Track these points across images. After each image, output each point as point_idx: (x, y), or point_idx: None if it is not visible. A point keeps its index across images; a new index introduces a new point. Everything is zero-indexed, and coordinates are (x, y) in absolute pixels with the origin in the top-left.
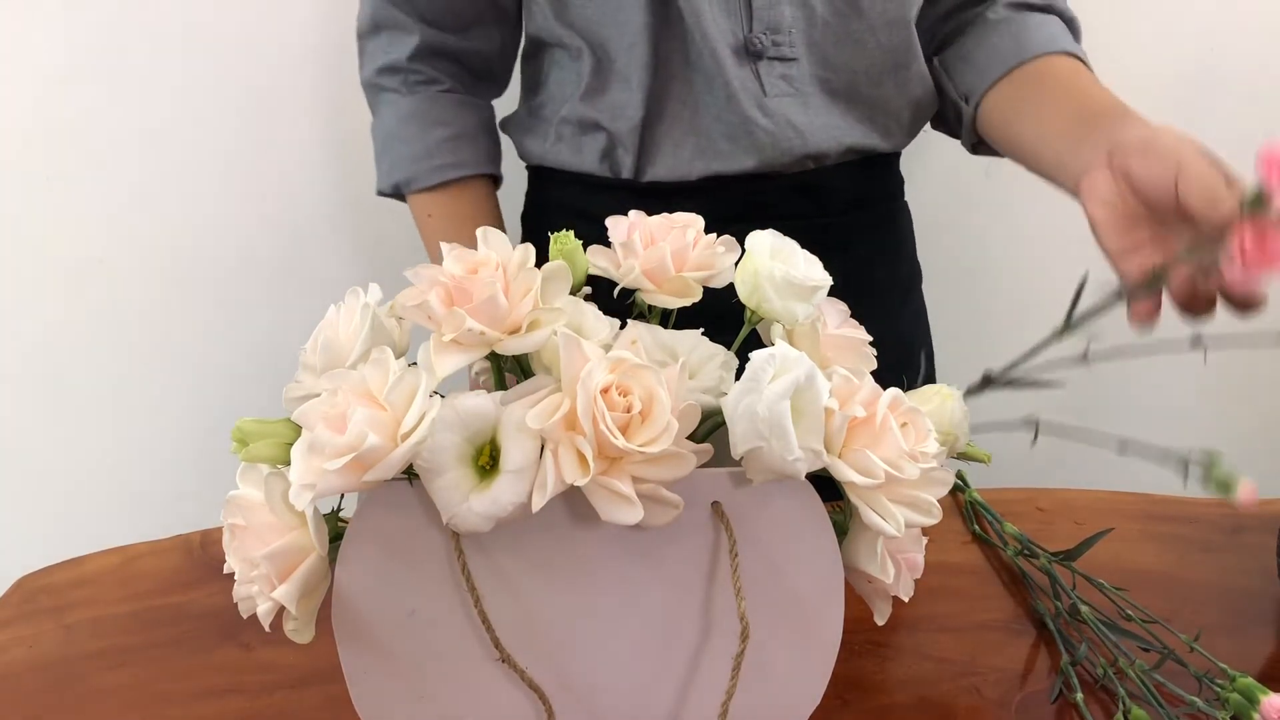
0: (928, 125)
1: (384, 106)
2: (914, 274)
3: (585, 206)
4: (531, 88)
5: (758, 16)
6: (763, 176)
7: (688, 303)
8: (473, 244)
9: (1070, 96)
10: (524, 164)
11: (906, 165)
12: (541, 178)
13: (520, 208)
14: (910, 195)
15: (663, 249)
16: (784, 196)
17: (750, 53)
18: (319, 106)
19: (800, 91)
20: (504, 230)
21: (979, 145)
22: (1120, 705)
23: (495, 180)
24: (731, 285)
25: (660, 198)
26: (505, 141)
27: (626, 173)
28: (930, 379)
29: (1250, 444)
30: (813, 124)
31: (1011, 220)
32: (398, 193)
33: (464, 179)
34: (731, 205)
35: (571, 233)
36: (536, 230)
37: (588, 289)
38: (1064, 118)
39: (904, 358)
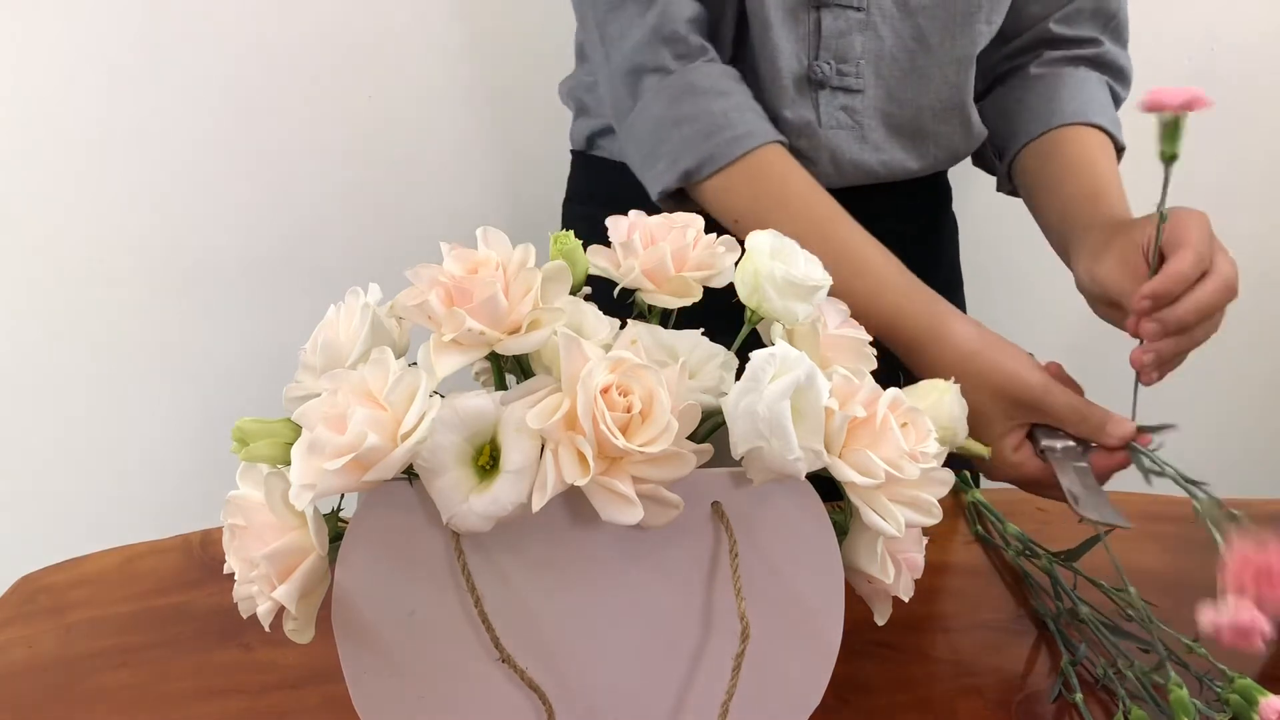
0: None
1: (647, 95)
2: (953, 281)
3: (629, 196)
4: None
5: (825, 45)
6: None
7: (688, 303)
8: (814, 205)
9: (1078, 179)
10: (570, 148)
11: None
12: (588, 165)
13: (562, 193)
14: (957, 205)
15: (663, 249)
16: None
17: (812, 82)
18: (320, 106)
19: (860, 125)
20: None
21: (1013, 192)
22: (1120, 705)
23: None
24: (731, 285)
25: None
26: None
27: None
28: None
29: (1251, 444)
30: (860, 158)
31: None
32: (685, 183)
33: (764, 146)
34: None
35: (571, 233)
36: (581, 218)
37: (588, 289)
38: (1071, 199)
39: None
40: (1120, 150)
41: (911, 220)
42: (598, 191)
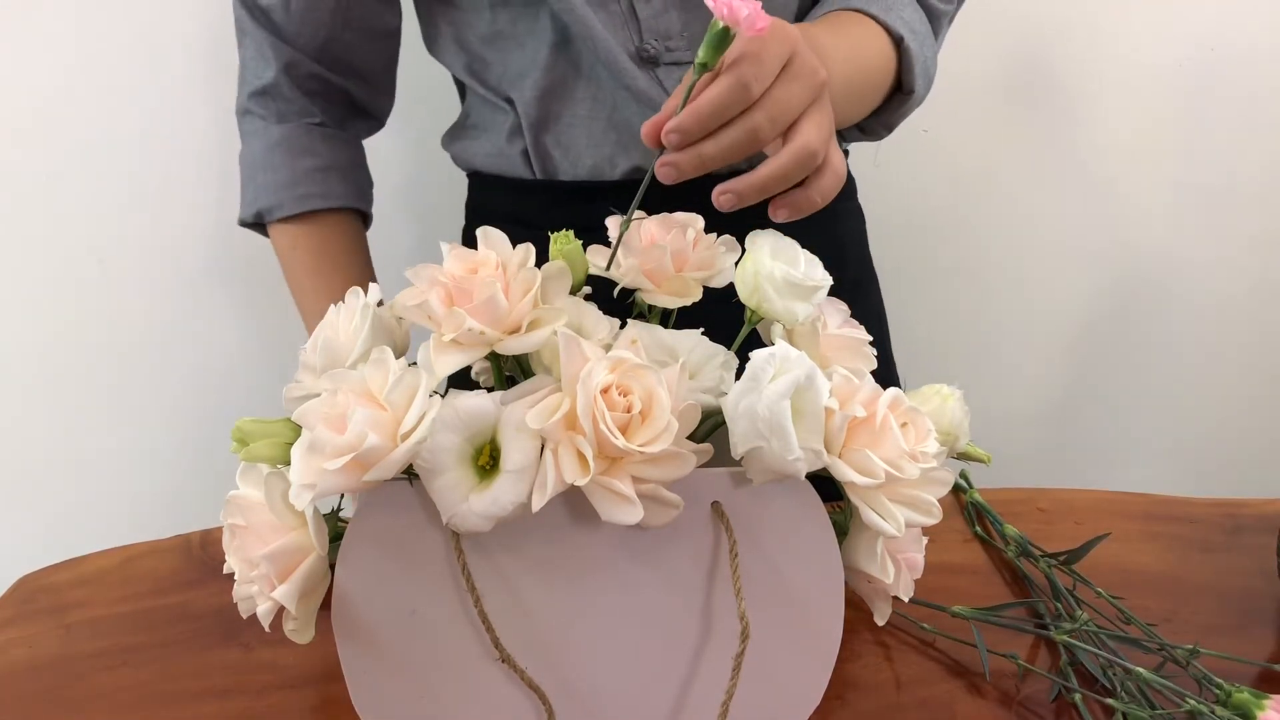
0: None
1: (251, 136)
2: (862, 279)
3: (515, 210)
4: (462, 97)
5: (646, 26)
6: None
7: (688, 302)
8: (339, 281)
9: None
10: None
11: (859, 167)
12: (475, 184)
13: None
14: (868, 196)
15: (662, 249)
16: (706, 195)
17: (645, 59)
18: None
19: None
20: (371, 275)
21: None
22: (1119, 705)
23: (365, 219)
24: (731, 285)
25: (585, 198)
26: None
27: (545, 174)
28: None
29: (1251, 444)
30: None
31: (995, 219)
32: (259, 222)
33: (331, 210)
34: (651, 204)
35: (571, 232)
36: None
37: (588, 289)
38: None
39: None
40: (898, 40)
41: None
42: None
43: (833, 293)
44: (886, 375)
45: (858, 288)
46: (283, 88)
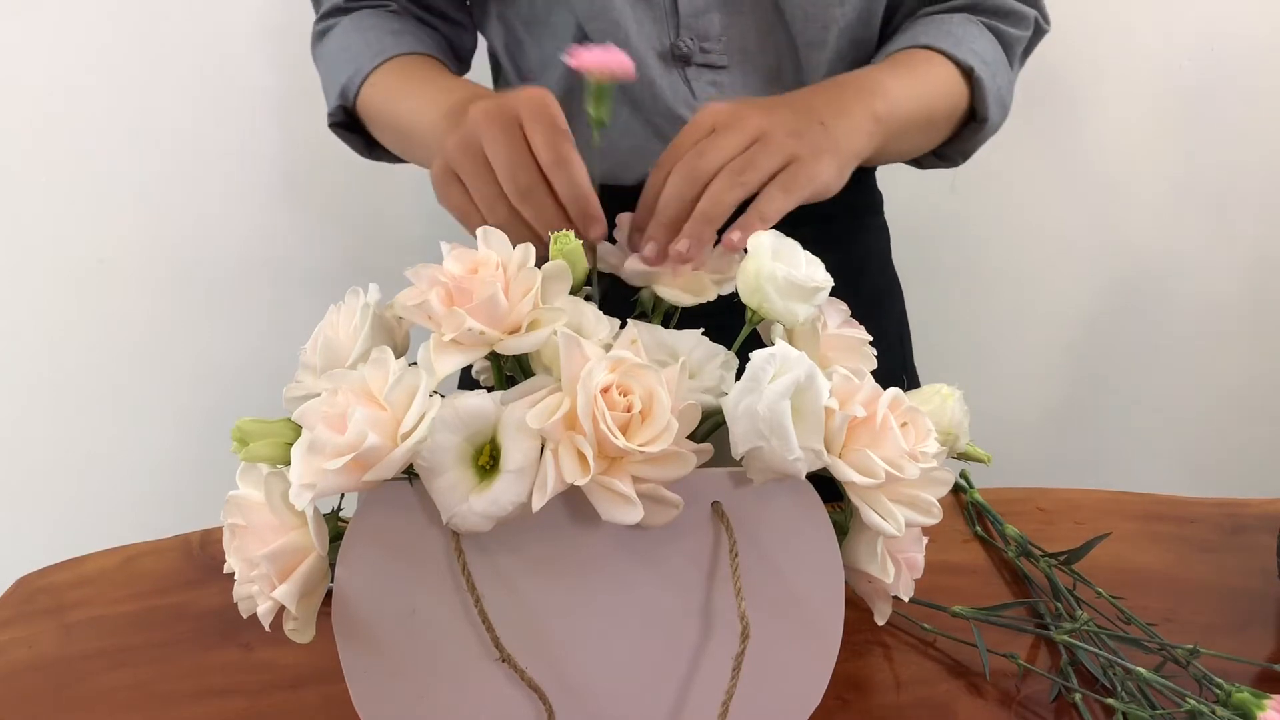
0: None
1: (328, 40)
2: (881, 294)
3: None
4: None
5: (685, 24)
6: None
7: (700, 301)
8: (440, 79)
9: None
10: None
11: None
12: None
13: None
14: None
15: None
16: None
17: (676, 57)
18: (320, 106)
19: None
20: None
21: None
22: (1119, 705)
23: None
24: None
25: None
26: None
27: None
28: None
29: (1251, 444)
30: None
31: (1003, 225)
32: (345, 102)
33: (414, 54)
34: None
35: (572, 233)
36: None
37: (589, 288)
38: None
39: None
40: (968, 71)
41: (824, 222)
42: None
43: (849, 307)
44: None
45: (876, 304)
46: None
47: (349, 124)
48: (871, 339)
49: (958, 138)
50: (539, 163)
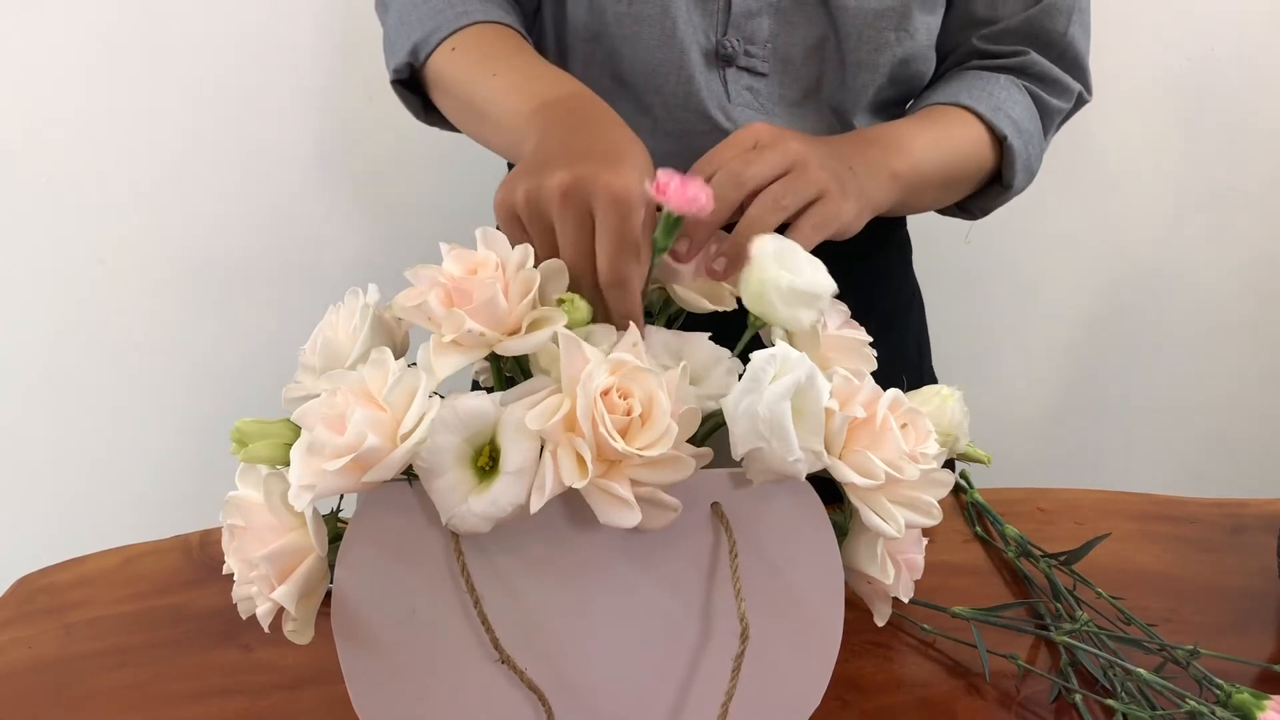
0: None
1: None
2: (899, 308)
3: None
4: None
5: (734, 23)
6: None
7: (719, 309)
8: (520, 61)
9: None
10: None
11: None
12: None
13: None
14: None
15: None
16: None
17: (720, 56)
18: (320, 107)
19: (765, 111)
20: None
21: None
22: (1120, 706)
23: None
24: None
25: None
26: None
27: None
28: None
29: (1251, 444)
30: None
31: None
32: (414, 60)
33: (494, 24)
34: None
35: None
36: None
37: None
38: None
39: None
40: (1001, 138)
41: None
42: None
43: (865, 323)
44: None
45: (894, 318)
46: None
47: (410, 83)
48: (889, 353)
49: (981, 195)
50: (598, 273)
